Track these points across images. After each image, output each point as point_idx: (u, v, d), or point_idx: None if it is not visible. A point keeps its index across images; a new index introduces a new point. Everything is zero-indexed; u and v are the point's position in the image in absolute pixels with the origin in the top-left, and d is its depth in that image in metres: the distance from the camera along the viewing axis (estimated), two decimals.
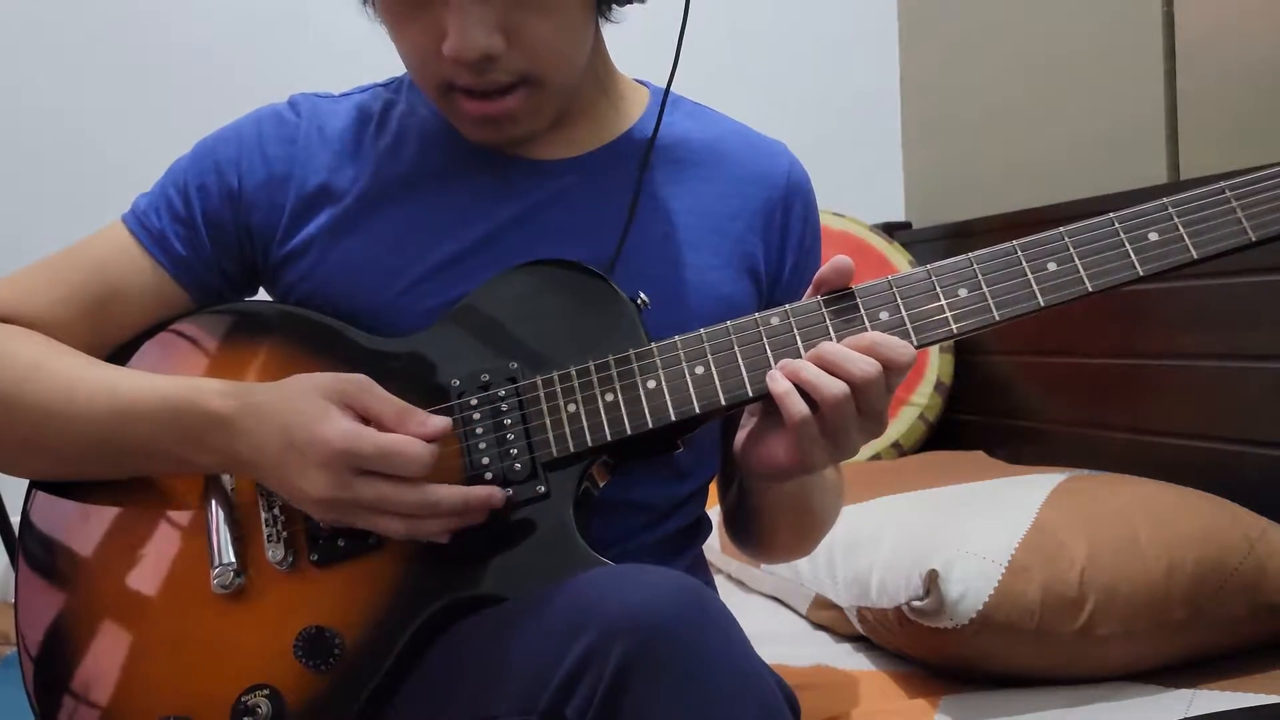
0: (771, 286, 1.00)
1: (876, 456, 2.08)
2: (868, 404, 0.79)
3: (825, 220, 2.21)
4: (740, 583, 1.71)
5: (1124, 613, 1.16)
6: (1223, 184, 0.82)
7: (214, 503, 0.86)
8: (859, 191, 2.37)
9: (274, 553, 0.84)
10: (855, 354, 0.78)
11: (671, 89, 1.00)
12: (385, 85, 1.01)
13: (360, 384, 0.81)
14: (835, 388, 0.78)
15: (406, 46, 0.89)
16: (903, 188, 2.54)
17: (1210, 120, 1.67)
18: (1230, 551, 1.21)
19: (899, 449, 2.10)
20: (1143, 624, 1.16)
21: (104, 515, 0.89)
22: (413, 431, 0.79)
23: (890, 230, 2.36)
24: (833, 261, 0.83)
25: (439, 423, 0.81)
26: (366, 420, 0.80)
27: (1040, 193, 1.95)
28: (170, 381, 0.87)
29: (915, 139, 2.52)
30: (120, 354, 0.94)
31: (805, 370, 0.79)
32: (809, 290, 0.85)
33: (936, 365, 2.13)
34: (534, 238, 0.93)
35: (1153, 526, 1.22)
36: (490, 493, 0.81)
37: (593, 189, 0.95)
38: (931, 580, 1.17)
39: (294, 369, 0.89)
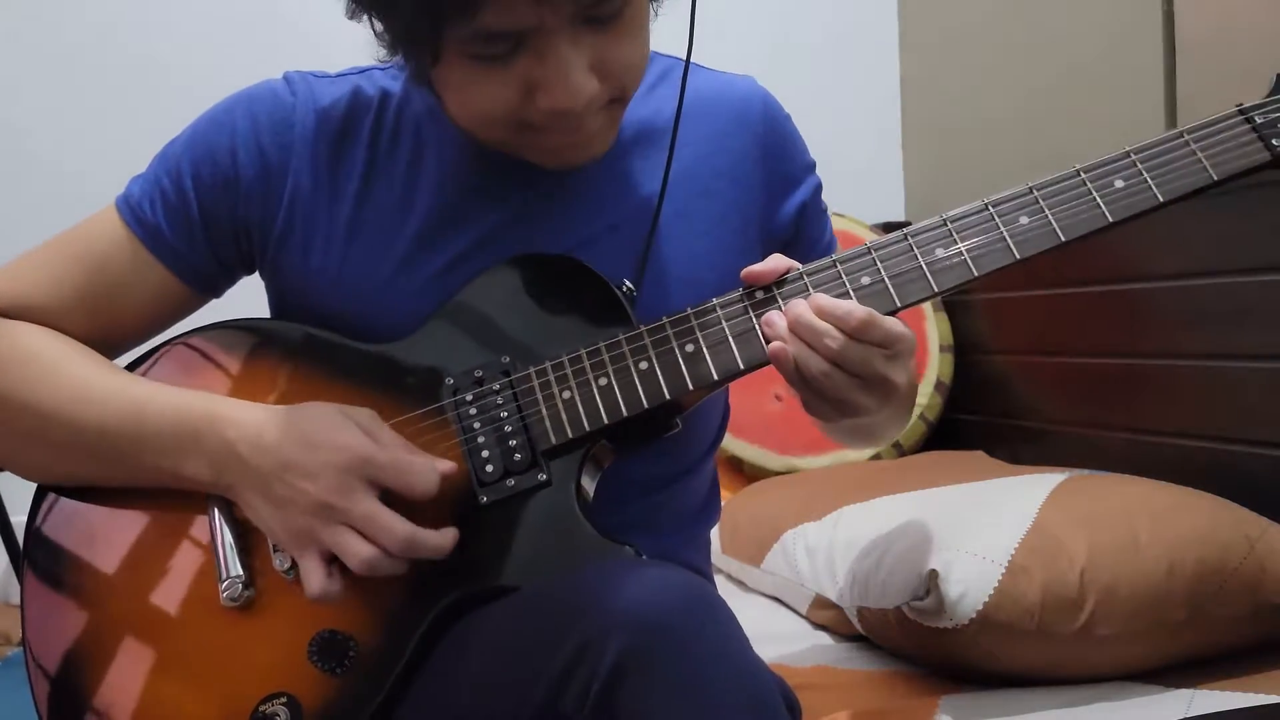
0: (771, 228, 1.00)
1: (876, 456, 2.08)
2: (855, 369, 0.81)
3: None
4: (740, 583, 1.71)
5: (1124, 613, 1.16)
6: (1181, 129, 0.86)
7: (218, 516, 0.86)
8: (859, 191, 2.36)
9: (281, 561, 0.84)
10: (824, 326, 0.80)
11: (661, 68, 1.00)
12: (384, 68, 0.97)
13: (372, 415, 0.84)
14: (815, 363, 0.81)
15: (479, 105, 0.84)
16: (903, 188, 2.55)
17: None
18: (1230, 551, 1.20)
19: (899, 449, 2.10)
20: (1143, 624, 1.16)
21: (111, 534, 0.89)
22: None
23: (890, 230, 2.36)
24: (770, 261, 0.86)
25: (446, 464, 0.83)
26: None
27: None
28: (186, 391, 0.89)
29: (915, 139, 2.52)
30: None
31: (791, 345, 0.82)
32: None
33: (936, 365, 2.14)
34: (527, 235, 0.92)
35: (1153, 526, 1.22)
36: (455, 535, 0.82)
37: (582, 180, 0.94)
38: (931, 580, 1.17)
39: (293, 379, 0.90)
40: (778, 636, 1.44)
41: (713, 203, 0.96)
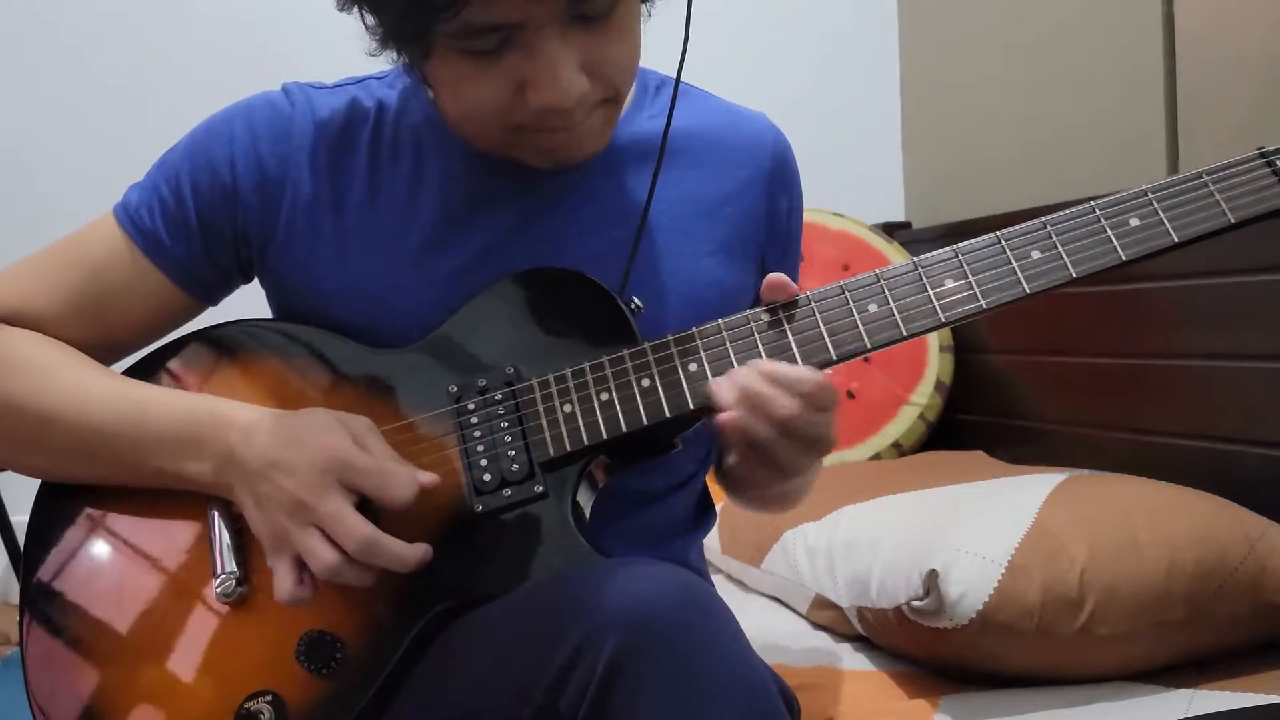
0: (764, 259, 1.01)
1: (876, 456, 2.08)
2: (803, 433, 0.81)
3: (825, 220, 2.22)
4: (740, 583, 1.71)
5: (1124, 613, 1.16)
6: (1200, 170, 0.84)
7: (215, 513, 0.86)
8: (859, 191, 2.37)
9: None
10: (778, 394, 0.80)
11: (662, 79, 1.00)
12: (380, 78, 0.99)
13: (369, 425, 0.84)
14: (763, 431, 0.80)
15: (471, 101, 0.84)
16: (903, 188, 2.55)
17: (1210, 120, 1.67)
18: (1230, 551, 1.21)
19: (899, 449, 2.10)
20: (1143, 624, 1.16)
21: (108, 528, 0.89)
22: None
23: (890, 230, 2.37)
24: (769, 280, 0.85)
25: (429, 477, 0.82)
26: None
27: (1040, 192, 1.95)
28: (185, 394, 0.90)
29: (915, 139, 2.52)
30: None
31: (741, 410, 0.81)
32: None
33: (936, 365, 2.14)
34: (530, 244, 0.92)
35: (1153, 526, 1.22)
36: (425, 551, 0.81)
37: (586, 189, 0.95)
38: (931, 580, 1.17)
39: (296, 382, 0.90)
40: (778, 636, 1.44)
41: (716, 226, 0.97)
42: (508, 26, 0.79)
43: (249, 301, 1.00)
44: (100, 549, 0.89)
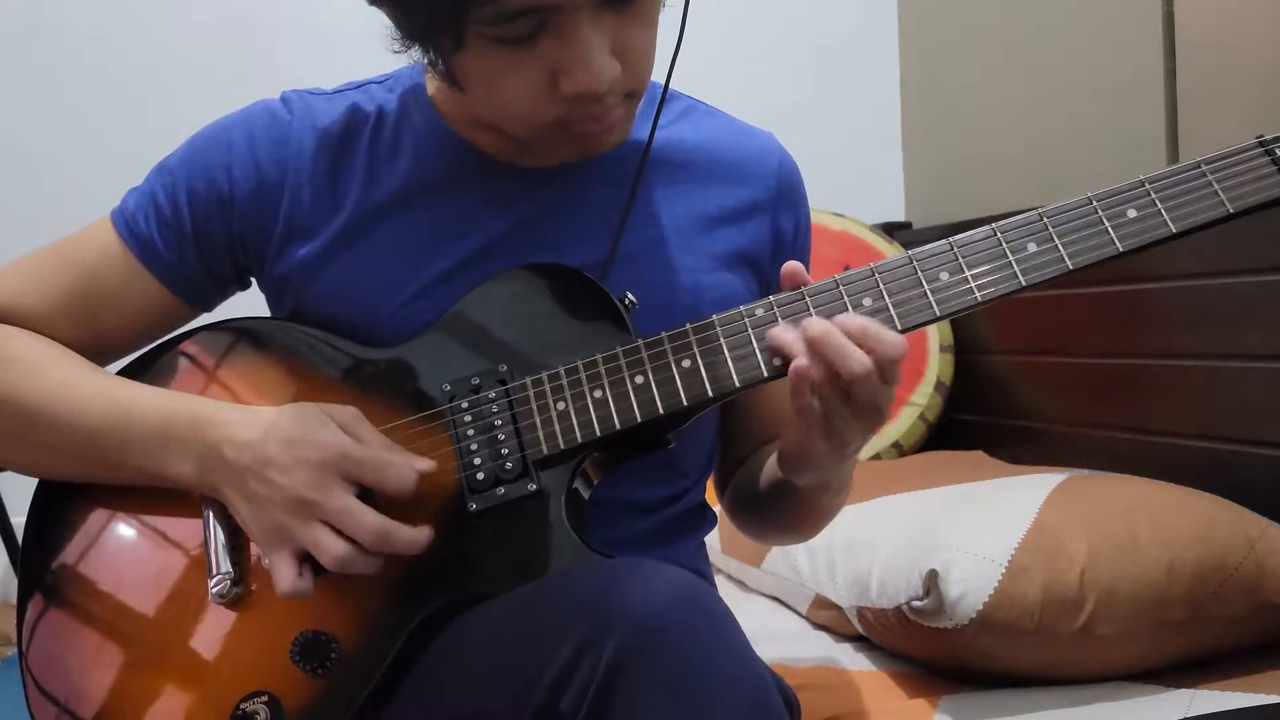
0: (768, 280, 1.01)
1: (876, 456, 2.08)
2: (864, 395, 0.78)
3: (825, 220, 2.22)
4: (740, 583, 1.71)
5: (1124, 613, 1.16)
6: (1198, 159, 0.83)
7: (210, 513, 0.86)
8: (859, 191, 2.37)
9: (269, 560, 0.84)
10: (852, 348, 0.77)
11: (672, 94, 1.00)
12: (379, 82, 0.99)
13: (356, 414, 0.84)
14: (821, 373, 0.77)
15: (505, 95, 0.84)
16: (903, 188, 2.55)
17: (1210, 120, 1.67)
18: (1230, 551, 1.21)
19: (899, 449, 2.10)
20: (1143, 624, 1.16)
21: (104, 529, 0.89)
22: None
23: (890, 230, 2.37)
24: (787, 267, 0.84)
25: (425, 463, 0.83)
26: None
27: (1040, 192, 1.95)
28: (170, 392, 0.90)
29: (915, 139, 2.52)
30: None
31: (809, 358, 0.78)
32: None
33: (936, 365, 2.14)
34: (530, 247, 0.92)
35: (1153, 526, 1.22)
36: (431, 531, 0.82)
37: (587, 196, 0.95)
38: (931, 580, 1.17)
39: (289, 381, 0.90)
40: (778, 636, 1.44)
41: (719, 242, 0.97)
42: (543, 9, 0.78)
43: (244, 304, 1.01)
44: (96, 550, 0.89)
